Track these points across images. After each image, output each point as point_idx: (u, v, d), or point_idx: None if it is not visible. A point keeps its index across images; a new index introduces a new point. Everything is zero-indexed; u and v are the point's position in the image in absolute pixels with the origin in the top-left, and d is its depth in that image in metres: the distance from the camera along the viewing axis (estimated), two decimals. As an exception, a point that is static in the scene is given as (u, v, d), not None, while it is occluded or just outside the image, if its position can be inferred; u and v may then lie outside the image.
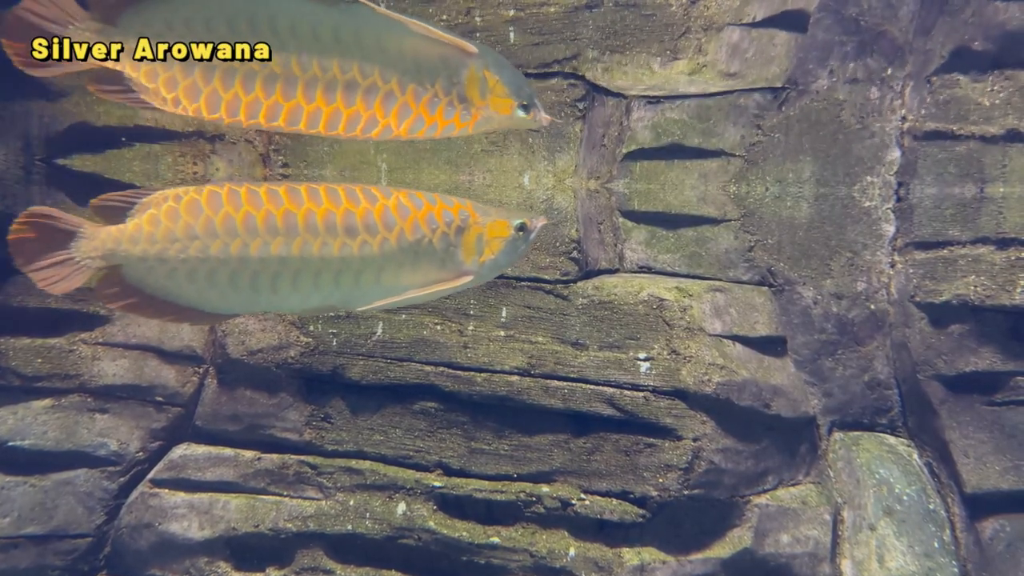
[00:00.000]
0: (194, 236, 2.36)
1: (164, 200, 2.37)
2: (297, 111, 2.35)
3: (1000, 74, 4.53)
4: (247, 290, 2.44)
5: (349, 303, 2.59)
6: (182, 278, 2.39)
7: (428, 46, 2.44)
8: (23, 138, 4.84)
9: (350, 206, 2.46)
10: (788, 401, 4.67)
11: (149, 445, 4.88)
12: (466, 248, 2.57)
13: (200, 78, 2.28)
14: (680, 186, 4.81)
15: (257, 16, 2.28)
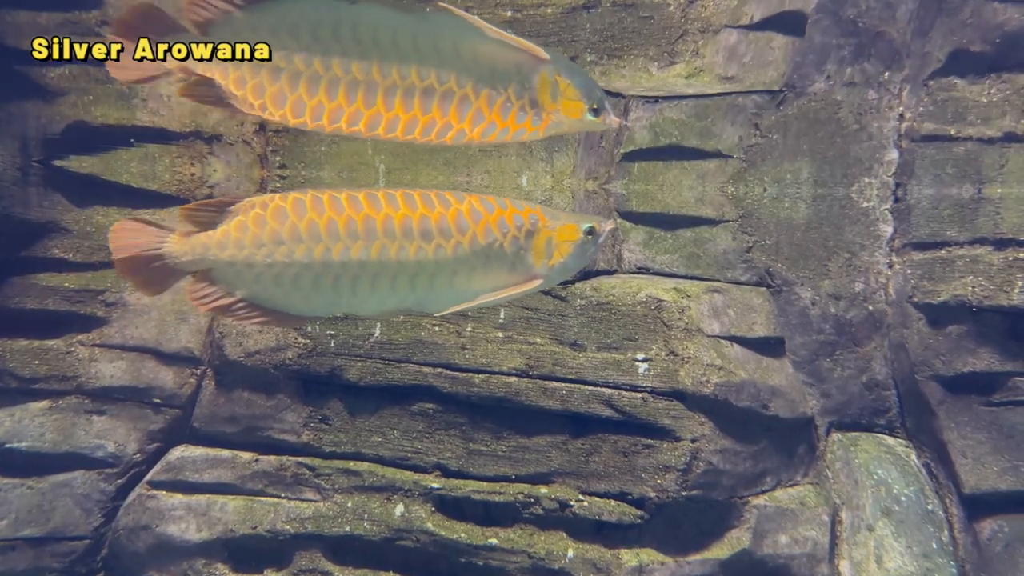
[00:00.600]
0: (280, 241, 2.44)
1: (251, 207, 2.45)
2: (377, 117, 2.42)
3: (998, 76, 4.54)
4: (329, 293, 2.51)
5: (423, 306, 2.65)
6: (268, 282, 2.47)
7: (502, 51, 2.49)
8: (20, 139, 4.83)
9: (425, 211, 2.52)
10: (786, 402, 4.68)
11: (147, 447, 4.87)
12: (536, 252, 2.62)
13: (286, 85, 2.34)
14: (678, 187, 4.81)
15: (340, 24, 2.34)
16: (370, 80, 2.37)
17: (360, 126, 2.42)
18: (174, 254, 2.42)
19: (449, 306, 2.65)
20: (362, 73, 2.36)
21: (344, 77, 2.35)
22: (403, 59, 2.39)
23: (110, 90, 4.81)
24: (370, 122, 2.42)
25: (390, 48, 2.38)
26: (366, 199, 2.50)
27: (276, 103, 2.36)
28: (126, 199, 4.92)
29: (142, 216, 2.43)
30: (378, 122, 2.42)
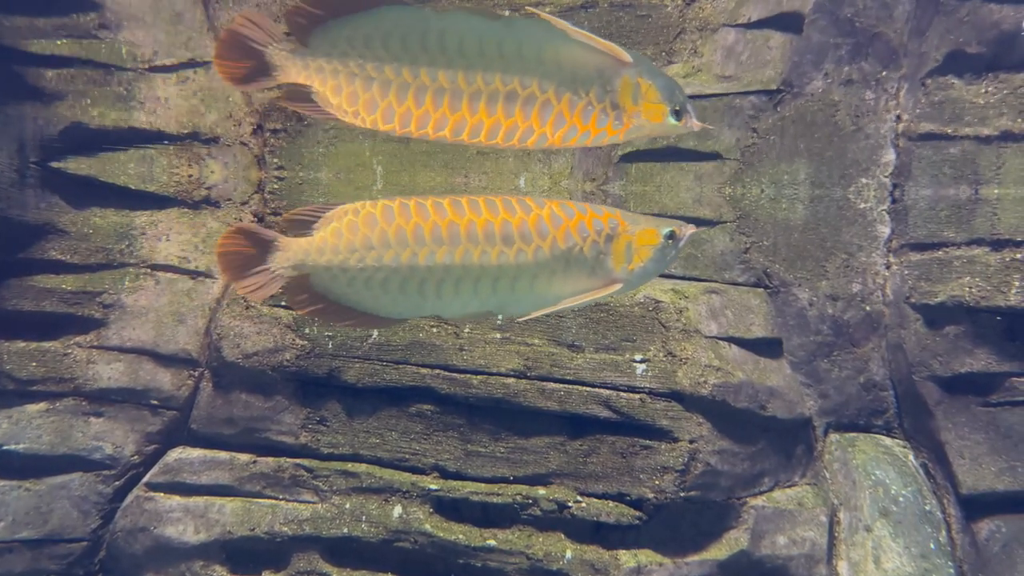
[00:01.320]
0: (371, 247, 2.54)
1: (345, 214, 2.56)
2: (462, 123, 2.50)
3: (995, 75, 4.54)
4: (415, 296, 2.61)
5: (504, 308, 2.73)
6: (360, 285, 2.58)
7: (584, 55, 2.54)
8: (18, 141, 4.83)
9: (507, 216, 2.61)
10: (784, 403, 4.68)
11: (144, 449, 4.87)
12: (616, 256, 2.67)
13: (377, 93, 2.45)
14: (676, 188, 4.81)
15: (428, 32, 2.44)
16: (455, 87, 2.46)
17: (445, 131, 2.51)
18: (277, 260, 2.53)
19: (530, 310, 2.76)
20: (448, 80, 2.45)
21: (431, 84, 2.45)
22: (487, 65, 2.47)
23: (108, 92, 4.81)
24: (456, 127, 2.50)
25: (475, 55, 2.47)
26: (451, 205, 2.60)
27: (368, 110, 2.46)
28: (124, 201, 4.92)
29: (252, 224, 2.55)
30: (463, 127, 2.51)
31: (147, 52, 4.81)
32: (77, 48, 4.75)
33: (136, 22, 4.77)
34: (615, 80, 2.54)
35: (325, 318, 2.66)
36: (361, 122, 2.49)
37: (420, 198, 2.59)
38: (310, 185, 4.89)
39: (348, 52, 2.42)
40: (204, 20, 4.82)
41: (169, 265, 4.93)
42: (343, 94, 2.45)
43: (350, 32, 2.42)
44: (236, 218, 4.99)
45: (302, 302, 2.59)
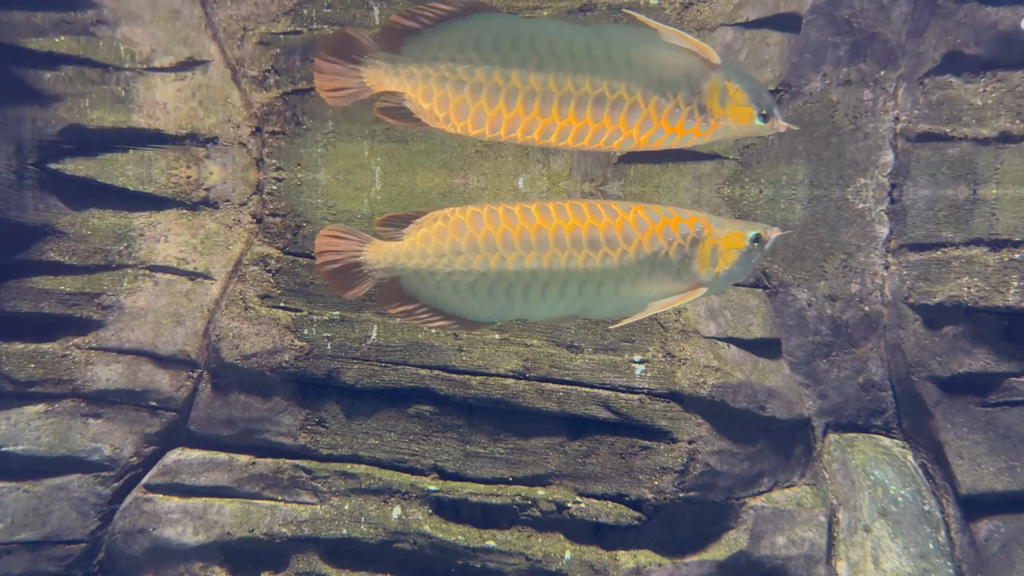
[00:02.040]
0: (459, 252, 2.61)
1: (434, 220, 2.63)
2: (551, 126, 2.54)
3: (992, 75, 4.55)
4: (503, 300, 2.67)
5: (589, 312, 2.77)
6: (448, 289, 2.65)
7: (672, 59, 2.59)
8: (16, 142, 4.82)
9: (593, 221, 2.65)
10: (783, 403, 4.68)
11: (143, 450, 4.87)
12: (701, 259, 2.72)
13: (468, 97, 2.50)
14: (674, 189, 4.81)
15: (520, 36, 2.48)
16: (546, 90, 2.50)
17: (534, 135, 2.55)
18: (369, 261, 2.62)
19: (614, 314, 2.86)
20: (539, 84, 2.49)
21: (522, 88, 2.50)
22: (577, 69, 2.51)
23: (106, 93, 4.81)
24: (544, 130, 2.55)
25: (565, 59, 2.51)
26: (538, 211, 2.65)
27: (459, 114, 2.51)
28: (122, 202, 4.92)
29: (345, 227, 2.64)
30: (551, 131, 2.55)
31: (145, 50, 4.81)
32: (75, 46, 4.75)
33: (134, 19, 4.76)
34: (703, 83, 2.57)
35: (413, 319, 2.71)
36: (451, 127, 2.53)
37: (508, 204, 2.64)
38: (309, 186, 4.89)
39: (439, 57, 2.47)
40: (202, 17, 4.82)
41: (168, 266, 4.92)
42: (433, 99, 2.49)
43: (442, 38, 2.46)
44: (234, 219, 4.99)
45: (392, 304, 2.66)
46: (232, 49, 4.84)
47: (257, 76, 4.83)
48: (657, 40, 2.55)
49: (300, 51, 4.75)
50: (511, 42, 2.47)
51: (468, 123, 2.51)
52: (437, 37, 2.46)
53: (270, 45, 4.77)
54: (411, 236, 2.62)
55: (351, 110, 4.78)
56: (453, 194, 4.79)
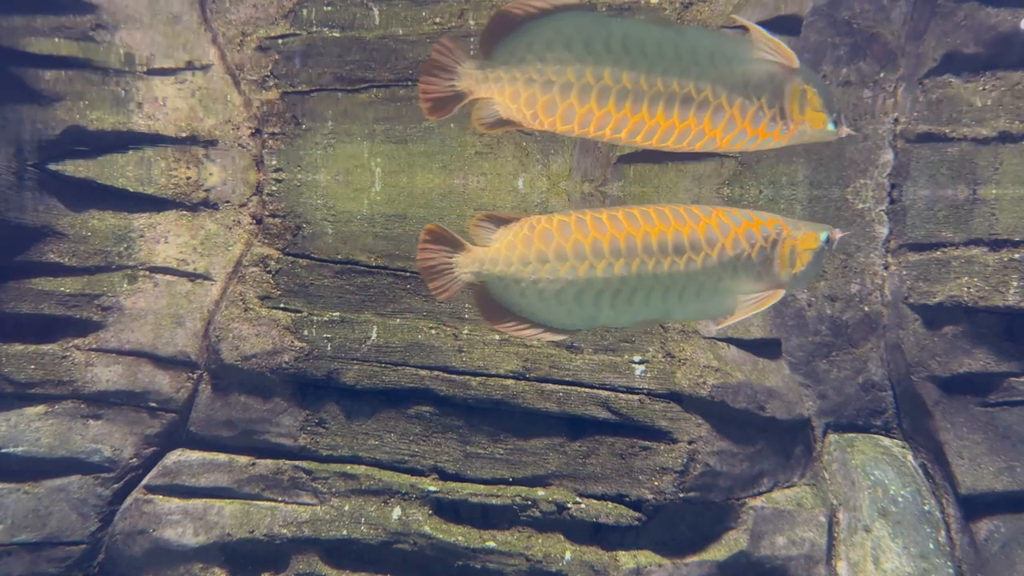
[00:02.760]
0: (545, 260, 2.62)
1: (521, 228, 2.65)
2: (640, 125, 2.56)
3: (992, 75, 4.55)
4: (590, 308, 2.68)
5: (669, 316, 2.80)
6: (533, 297, 2.67)
7: (755, 61, 2.62)
8: (15, 143, 4.82)
9: (677, 226, 2.67)
10: (783, 403, 4.68)
11: (143, 451, 4.86)
12: (781, 261, 2.77)
13: (558, 95, 2.51)
14: (674, 189, 4.81)
15: (612, 36, 2.50)
16: (637, 89, 2.51)
17: (622, 133, 2.57)
18: (459, 265, 2.65)
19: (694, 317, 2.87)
20: (630, 83, 2.50)
21: (614, 86, 2.51)
22: (666, 70, 2.53)
23: (106, 94, 4.81)
24: (632, 129, 2.56)
25: (655, 59, 2.52)
26: (624, 217, 2.66)
27: (547, 111, 2.52)
28: (122, 203, 4.92)
29: (445, 229, 2.67)
30: (639, 129, 2.56)
31: (144, 54, 4.81)
32: (75, 49, 4.75)
33: (133, 23, 4.77)
34: (785, 87, 2.60)
35: (498, 325, 2.73)
36: (539, 125, 2.55)
37: (594, 212, 2.65)
38: (308, 187, 4.89)
39: (527, 59, 2.49)
40: (201, 22, 4.82)
41: (168, 267, 4.93)
42: (521, 99, 2.51)
43: (531, 39, 2.49)
44: (234, 220, 4.99)
45: (481, 308, 2.70)
46: (231, 52, 4.84)
47: (257, 79, 4.83)
48: (739, 42, 2.57)
49: (299, 54, 4.75)
50: (603, 40, 2.48)
51: (557, 120, 2.52)
52: (525, 38, 2.49)
53: (269, 49, 4.77)
54: (498, 243, 2.64)
55: (350, 110, 4.78)
56: (453, 195, 4.79)
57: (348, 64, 4.72)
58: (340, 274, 4.84)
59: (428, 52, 4.64)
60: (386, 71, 4.70)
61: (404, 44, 4.66)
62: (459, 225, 4.78)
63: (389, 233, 4.84)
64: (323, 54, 4.73)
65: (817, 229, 2.79)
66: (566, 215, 2.65)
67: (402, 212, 4.83)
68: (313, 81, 4.76)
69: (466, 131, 4.73)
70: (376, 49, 4.69)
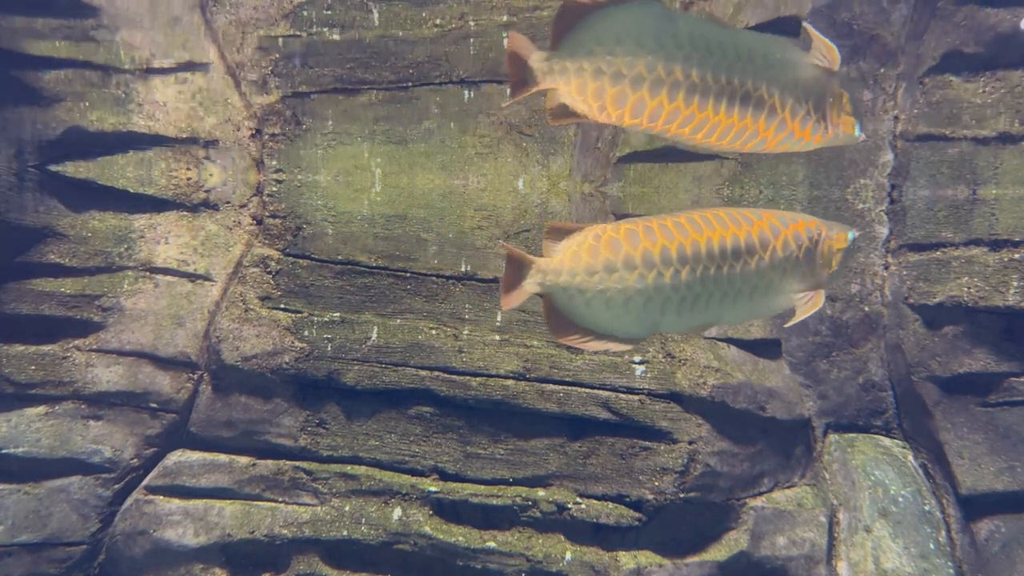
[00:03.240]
0: (613, 269, 2.60)
1: (585, 238, 2.63)
2: (704, 122, 2.55)
3: (992, 76, 4.55)
4: (656, 315, 2.67)
5: (721, 320, 2.80)
6: (599, 307, 2.64)
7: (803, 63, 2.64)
8: (16, 144, 4.83)
9: (734, 230, 2.69)
10: (783, 403, 4.68)
11: (143, 452, 4.87)
12: (823, 260, 2.82)
13: (628, 87, 2.49)
14: (674, 189, 4.81)
15: (679, 31, 2.49)
16: (705, 85, 2.51)
17: (686, 129, 2.56)
18: (527, 276, 2.63)
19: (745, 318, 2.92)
20: (699, 78, 2.50)
21: (684, 81, 2.50)
22: (728, 68, 2.54)
23: (106, 95, 4.81)
24: (697, 126, 2.56)
25: (719, 57, 2.52)
26: (687, 223, 2.66)
27: (616, 104, 2.50)
28: (122, 204, 4.92)
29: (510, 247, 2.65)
30: (703, 126, 2.56)
31: (145, 55, 4.81)
32: (75, 50, 4.76)
33: (134, 24, 4.77)
34: (828, 91, 2.62)
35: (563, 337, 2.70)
36: (605, 117, 2.52)
37: (658, 219, 2.65)
38: (309, 188, 4.89)
39: (595, 50, 2.46)
40: (201, 22, 4.83)
41: (168, 268, 4.93)
42: (588, 91, 2.48)
43: (599, 30, 2.46)
44: (235, 221, 4.99)
45: (548, 319, 2.66)
46: (232, 53, 4.85)
47: (257, 80, 4.84)
48: (787, 45, 2.58)
49: (300, 54, 4.75)
50: (670, 35, 2.47)
51: (625, 113, 2.50)
52: (592, 29, 2.46)
53: (269, 49, 4.78)
54: (561, 253, 2.61)
55: (350, 111, 4.78)
56: (453, 195, 4.80)
57: (348, 64, 4.72)
58: (340, 275, 4.84)
59: (428, 53, 4.66)
60: (386, 72, 4.70)
61: (404, 45, 4.67)
62: (459, 226, 4.78)
63: (389, 234, 4.84)
64: (323, 54, 4.73)
65: (844, 229, 2.82)
66: (632, 223, 2.63)
67: (402, 213, 4.84)
68: (313, 82, 4.76)
69: (466, 132, 4.74)
70: (376, 50, 4.69)
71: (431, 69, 4.67)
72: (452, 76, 4.65)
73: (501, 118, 4.60)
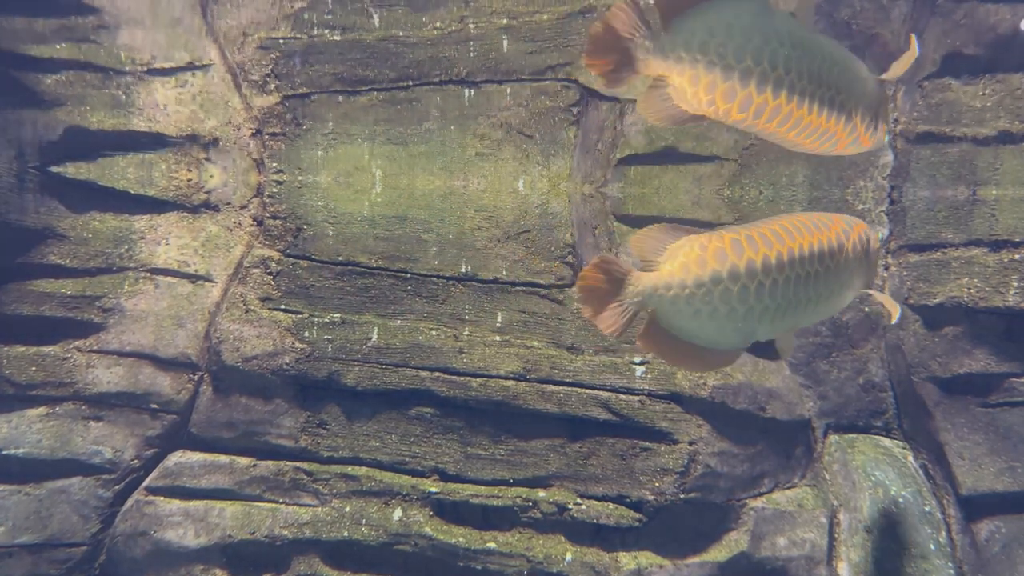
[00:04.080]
0: (720, 280, 2.56)
1: (692, 249, 2.57)
2: (799, 120, 2.53)
3: (992, 76, 4.55)
4: (754, 324, 2.64)
5: (799, 323, 2.82)
6: (705, 319, 2.59)
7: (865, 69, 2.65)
8: (16, 146, 4.83)
9: (818, 236, 2.71)
10: (783, 404, 4.68)
11: (144, 453, 4.87)
12: (875, 258, 2.90)
13: (739, 82, 2.42)
14: (674, 190, 4.82)
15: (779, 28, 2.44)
16: (802, 85, 2.48)
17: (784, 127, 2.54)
18: (627, 293, 2.52)
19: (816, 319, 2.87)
20: (797, 77, 2.47)
21: (785, 78, 2.46)
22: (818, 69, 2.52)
23: (106, 96, 4.82)
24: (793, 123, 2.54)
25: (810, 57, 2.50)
26: (781, 230, 2.67)
27: (726, 99, 2.43)
28: (123, 205, 4.93)
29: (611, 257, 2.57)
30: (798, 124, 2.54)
31: (145, 56, 4.82)
32: (76, 52, 4.76)
33: (134, 24, 4.78)
34: (882, 99, 2.65)
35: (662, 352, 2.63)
36: (713, 111, 2.45)
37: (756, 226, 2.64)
38: (309, 188, 4.90)
39: (708, 41, 2.37)
40: (202, 23, 4.83)
41: (168, 269, 4.93)
42: (701, 83, 2.39)
43: (711, 20, 2.38)
44: (235, 222, 4.99)
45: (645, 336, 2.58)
46: (232, 54, 4.85)
47: (257, 81, 4.84)
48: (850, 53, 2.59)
49: (300, 55, 4.76)
50: (772, 31, 2.42)
51: (734, 107, 2.44)
52: (705, 18, 2.37)
53: (270, 50, 4.78)
54: (667, 265, 2.53)
55: (351, 112, 4.79)
56: (453, 196, 4.80)
57: (348, 64, 4.72)
58: (341, 275, 4.84)
59: (428, 54, 4.66)
60: (386, 73, 4.70)
61: (404, 46, 4.67)
62: (459, 227, 4.78)
63: (390, 235, 4.84)
64: (324, 55, 4.74)
65: (872, 229, 2.88)
66: (733, 232, 2.60)
67: (403, 214, 4.84)
68: (314, 83, 4.76)
69: (466, 133, 4.74)
70: (376, 51, 4.69)
71: (431, 69, 4.67)
72: (452, 76, 4.66)
73: (501, 119, 4.60)
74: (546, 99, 4.60)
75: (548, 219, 4.71)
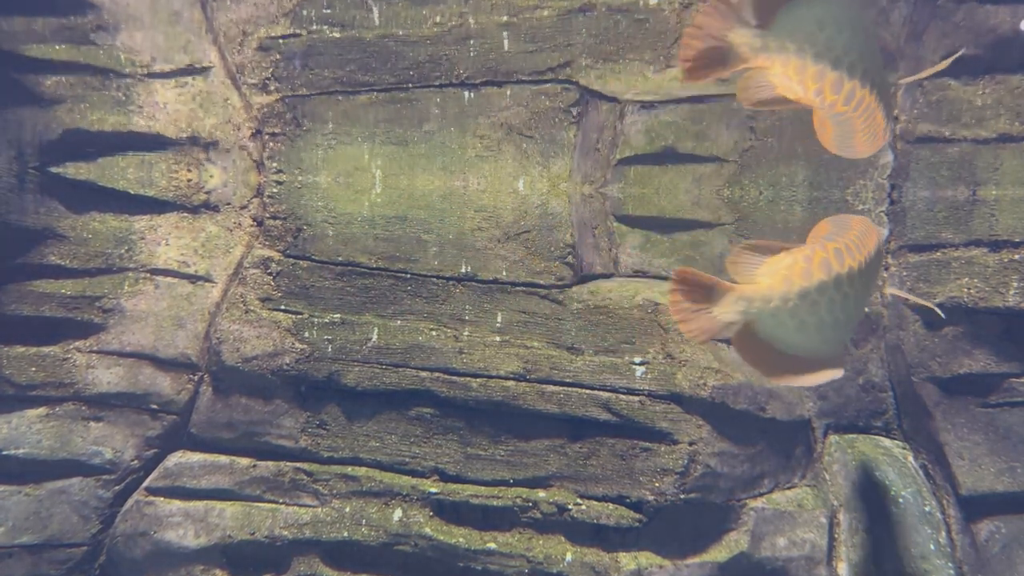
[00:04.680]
0: (826, 290, 2.55)
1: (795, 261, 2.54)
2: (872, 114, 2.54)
3: (992, 77, 4.56)
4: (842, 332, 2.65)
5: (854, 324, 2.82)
6: (812, 330, 2.56)
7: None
8: (16, 146, 4.83)
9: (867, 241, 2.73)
10: (783, 404, 4.68)
11: (144, 453, 4.87)
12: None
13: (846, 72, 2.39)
14: (674, 190, 4.82)
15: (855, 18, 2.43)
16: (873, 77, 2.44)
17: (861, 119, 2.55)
18: (721, 305, 2.49)
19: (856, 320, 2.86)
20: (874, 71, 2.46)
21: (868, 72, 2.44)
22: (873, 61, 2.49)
23: (106, 97, 4.82)
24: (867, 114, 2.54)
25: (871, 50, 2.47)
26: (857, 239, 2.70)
27: (834, 89, 2.39)
28: (123, 205, 4.93)
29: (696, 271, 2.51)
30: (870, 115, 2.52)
31: (145, 57, 4.82)
32: (75, 53, 4.76)
33: (134, 23, 4.77)
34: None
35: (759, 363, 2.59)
36: (819, 101, 2.41)
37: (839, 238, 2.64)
38: (309, 189, 4.89)
39: (813, 32, 2.32)
40: (203, 22, 4.83)
41: (168, 269, 4.93)
42: (807, 73, 2.34)
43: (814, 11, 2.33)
44: (235, 222, 4.99)
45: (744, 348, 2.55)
46: (232, 53, 4.85)
47: (257, 81, 4.84)
48: None
49: (300, 55, 4.76)
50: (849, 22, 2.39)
51: (840, 98, 2.41)
52: (808, 9, 2.32)
53: (270, 49, 4.78)
54: (768, 278, 2.50)
55: (350, 112, 4.79)
56: (453, 196, 4.80)
57: (348, 64, 4.72)
58: (341, 276, 4.84)
59: (428, 54, 4.65)
60: (386, 73, 4.70)
61: (404, 45, 4.67)
62: (459, 227, 4.78)
63: (390, 235, 4.84)
64: (323, 54, 4.73)
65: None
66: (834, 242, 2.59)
67: (403, 214, 4.84)
68: (313, 83, 4.76)
69: (466, 133, 4.74)
70: (376, 51, 4.69)
71: (431, 71, 4.67)
72: (452, 79, 4.65)
73: (501, 120, 4.60)
74: (546, 99, 4.60)
75: (548, 219, 4.71)
